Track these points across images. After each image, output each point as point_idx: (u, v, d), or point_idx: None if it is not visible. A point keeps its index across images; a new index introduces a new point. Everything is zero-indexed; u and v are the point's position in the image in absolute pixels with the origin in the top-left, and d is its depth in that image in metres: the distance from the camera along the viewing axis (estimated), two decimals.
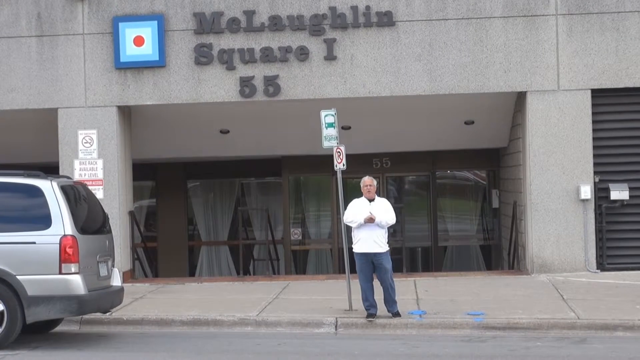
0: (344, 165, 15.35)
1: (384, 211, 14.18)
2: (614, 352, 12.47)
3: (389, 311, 14.32)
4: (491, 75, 18.24)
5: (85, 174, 18.39)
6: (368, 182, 14.33)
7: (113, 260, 14.11)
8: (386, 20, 18.23)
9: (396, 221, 14.60)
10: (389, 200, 14.82)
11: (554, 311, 14.68)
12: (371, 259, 14.19)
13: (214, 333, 14.14)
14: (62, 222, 12.63)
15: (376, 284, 14.34)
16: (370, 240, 14.15)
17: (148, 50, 18.49)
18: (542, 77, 18.17)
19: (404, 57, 18.30)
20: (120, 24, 18.47)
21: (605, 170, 18.21)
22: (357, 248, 14.25)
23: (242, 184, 24.96)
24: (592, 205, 18.08)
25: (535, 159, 18.17)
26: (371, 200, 14.27)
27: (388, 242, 14.40)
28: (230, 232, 24.56)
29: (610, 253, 18.24)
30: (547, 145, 18.13)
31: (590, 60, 18.08)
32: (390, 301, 14.32)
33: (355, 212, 14.25)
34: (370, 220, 14.06)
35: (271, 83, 18.39)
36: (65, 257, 12.53)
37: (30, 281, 12.51)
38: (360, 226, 14.15)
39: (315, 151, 17.67)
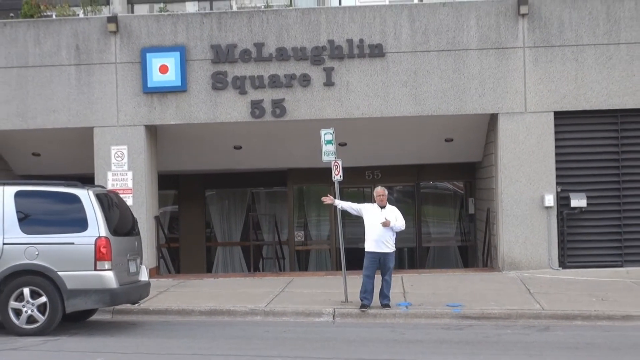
0: (340, 176, 15.37)
1: (395, 218, 14.26)
2: (573, 338, 12.48)
3: (381, 303, 14.33)
4: (468, 99, 18.26)
5: (117, 184, 18.40)
6: (380, 192, 14.43)
7: (141, 259, 14.13)
8: (377, 51, 18.26)
9: None
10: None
11: (521, 303, 14.69)
12: (379, 257, 14.21)
13: (228, 321, 14.14)
14: (97, 225, 12.65)
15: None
16: (381, 242, 14.20)
17: (172, 77, 18.50)
18: (512, 101, 18.19)
19: (393, 84, 18.32)
20: (148, 54, 18.50)
21: (566, 182, 18.22)
22: (368, 247, 14.28)
23: (253, 193, 24.93)
24: (554, 212, 18.08)
25: (506, 171, 18.19)
26: (382, 207, 14.32)
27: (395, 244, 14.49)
28: (242, 234, 24.51)
29: (571, 253, 18.23)
30: (515, 160, 18.15)
31: (553, 87, 18.11)
32: (384, 295, 14.35)
33: (368, 211, 14.33)
34: (385, 225, 14.09)
35: (278, 106, 18.41)
36: (99, 255, 12.56)
37: (70, 276, 12.54)
38: (370, 228, 14.20)
39: (316, 164, 17.66)
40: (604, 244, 18.26)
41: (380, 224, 14.12)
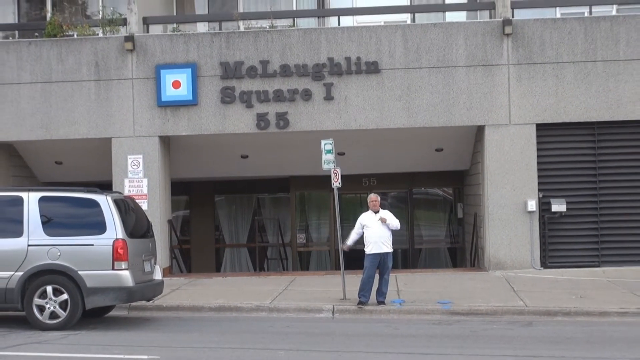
0: (339, 183, 15.38)
1: (390, 218, 14.34)
2: (554, 333, 12.48)
3: (377, 300, 14.33)
4: (456, 112, 18.28)
5: (133, 190, 18.41)
6: (373, 198, 14.55)
7: (155, 259, 14.12)
8: (373, 68, 18.29)
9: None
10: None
11: (506, 300, 14.68)
12: (380, 258, 14.22)
13: (235, 317, 14.14)
14: (114, 228, 12.66)
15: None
16: (381, 243, 14.25)
17: (184, 92, 18.53)
18: (497, 114, 18.21)
19: (387, 98, 18.34)
20: (162, 71, 18.52)
21: (547, 188, 18.23)
22: (370, 250, 14.29)
23: (258, 198, 24.92)
24: (537, 216, 18.08)
25: (492, 179, 18.19)
26: (376, 212, 14.39)
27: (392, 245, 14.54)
28: (248, 236, 24.50)
29: (552, 254, 18.23)
30: (501, 168, 18.15)
31: (535, 101, 18.13)
32: (381, 293, 14.35)
33: (365, 220, 14.41)
34: (383, 220, 14.19)
35: (282, 118, 18.43)
36: (117, 256, 12.57)
37: (89, 275, 12.54)
38: (369, 232, 14.25)
39: (317, 172, 17.68)
40: (582, 245, 18.26)
41: (379, 220, 14.20)
